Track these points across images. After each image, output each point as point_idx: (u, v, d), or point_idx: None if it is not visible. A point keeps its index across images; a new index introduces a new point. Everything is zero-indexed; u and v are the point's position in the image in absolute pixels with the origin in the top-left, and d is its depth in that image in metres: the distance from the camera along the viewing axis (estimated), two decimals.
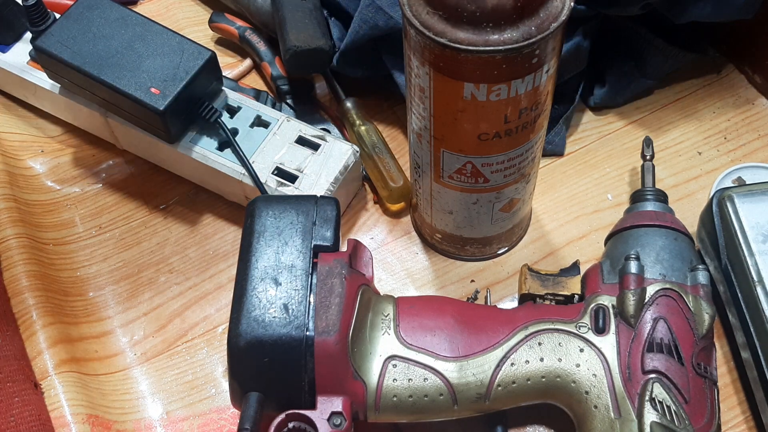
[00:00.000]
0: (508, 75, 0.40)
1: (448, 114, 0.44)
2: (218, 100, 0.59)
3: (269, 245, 0.45)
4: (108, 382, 0.53)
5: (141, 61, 0.55)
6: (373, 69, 0.63)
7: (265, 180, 0.56)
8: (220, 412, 0.52)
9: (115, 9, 0.57)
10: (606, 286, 0.47)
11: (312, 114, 0.64)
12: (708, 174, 0.61)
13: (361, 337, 0.43)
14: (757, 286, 0.48)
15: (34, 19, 0.56)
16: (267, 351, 0.41)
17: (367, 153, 0.60)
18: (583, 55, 0.61)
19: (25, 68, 0.61)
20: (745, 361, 0.49)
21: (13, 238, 0.56)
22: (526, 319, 0.46)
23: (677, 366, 0.43)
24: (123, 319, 0.56)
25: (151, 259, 0.58)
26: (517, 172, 0.48)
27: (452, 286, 0.56)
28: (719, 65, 0.67)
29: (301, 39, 0.59)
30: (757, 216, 0.50)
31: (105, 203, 0.61)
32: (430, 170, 0.49)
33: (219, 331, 0.55)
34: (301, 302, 0.43)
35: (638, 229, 0.50)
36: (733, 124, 0.64)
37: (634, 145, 0.63)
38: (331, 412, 0.42)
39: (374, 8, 0.58)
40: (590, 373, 0.44)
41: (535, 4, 0.39)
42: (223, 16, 0.69)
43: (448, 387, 0.44)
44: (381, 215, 0.60)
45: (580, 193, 0.61)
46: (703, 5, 0.57)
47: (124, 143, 0.63)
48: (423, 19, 0.40)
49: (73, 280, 0.57)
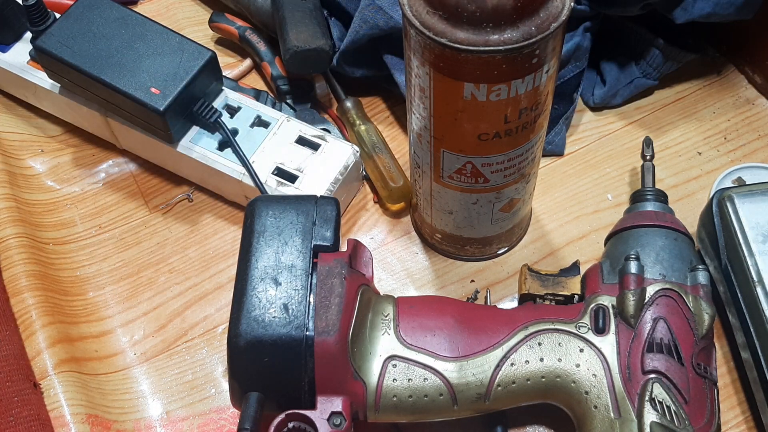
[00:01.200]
0: (508, 75, 0.40)
1: (448, 114, 0.44)
2: (218, 100, 0.59)
3: (269, 245, 0.45)
4: (108, 381, 0.53)
5: (141, 61, 0.55)
6: (373, 69, 0.63)
7: (265, 180, 0.56)
8: (220, 412, 0.52)
9: (115, 9, 0.57)
10: (606, 286, 0.47)
11: (312, 114, 0.64)
12: (708, 174, 0.61)
13: (361, 337, 0.43)
14: (757, 286, 0.48)
15: (34, 19, 0.56)
16: (267, 351, 0.41)
17: (367, 153, 0.60)
18: (583, 55, 0.61)
19: (25, 68, 0.61)
20: (745, 361, 0.49)
21: (12, 238, 0.56)
22: (526, 319, 0.46)
23: (677, 366, 0.43)
24: (123, 319, 0.56)
25: (151, 259, 0.58)
26: (517, 172, 0.48)
27: (452, 286, 0.56)
28: (719, 65, 0.67)
29: (301, 39, 0.59)
30: (757, 216, 0.50)
31: (105, 203, 0.61)
32: (430, 170, 0.49)
33: (219, 331, 0.55)
34: (301, 302, 0.43)
35: (638, 229, 0.50)
36: (733, 124, 0.64)
37: (634, 145, 0.63)
38: (331, 412, 0.42)
39: (374, 8, 0.58)
40: (590, 373, 0.44)
41: (535, 4, 0.39)
42: (223, 16, 0.69)
43: (448, 387, 0.44)
44: (381, 215, 0.60)
45: (580, 193, 0.61)
46: (703, 5, 0.57)
47: (124, 143, 0.63)
48: (423, 19, 0.40)
49: (73, 280, 0.57)
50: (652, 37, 0.61)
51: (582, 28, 0.60)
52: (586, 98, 0.65)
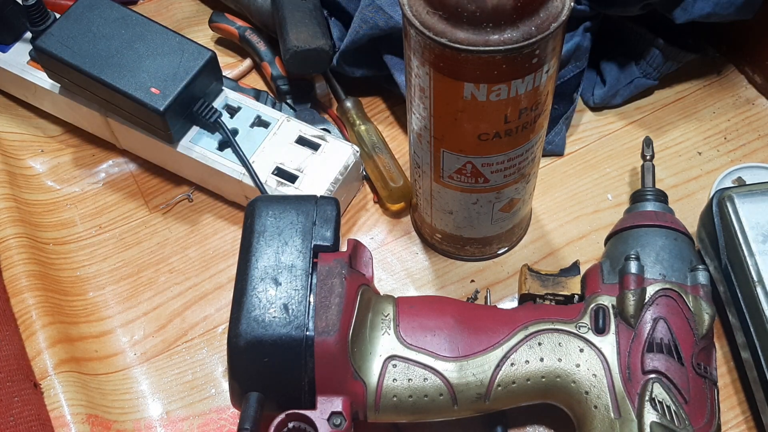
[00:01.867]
0: (508, 75, 0.40)
1: (448, 114, 0.44)
2: (218, 100, 0.59)
3: (269, 245, 0.45)
4: (108, 381, 0.53)
5: (141, 61, 0.55)
6: (373, 69, 0.63)
7: (265, 180, 0.56)
8: (220, 412, 0.52)
9: (115, 9, 0.57)
10: (606, 286, 0.47)
11: (312, 114, 0.64)
12: (708, 174, 0.61)
13: (361, 337, 0.43)
14: (757, 286, 0.48)
15: (34, 19, 0.56)
16: (267, 351, 0.41)
17: (367, 153, 0.60)
18: (583, 55, 0.61)
19: (25, 68, 0.61)
20: (745, 361, 0.49)
21: (13, 238, 0.56)
22: (526, 319, 0.46)
23: (677, 366, 0.43)
24: (123, 319, 0.56)
25: (151, 259, 0.58)
26: (517, 172, 0.48)
27: (452, 286, 0.56)
28: (719, 65, 0.67)
29: (301, 39, 0.59)
30: (757, 216, 0.50)
31: (105, 203, 0.61)
32: (430, 170, 0.49)
33: (219, 331, 0.55)
34: (301, 302, 0.43)
35: (638, 229, 0.50)
36: (733, 124, 0.64)
37: (634, 145, 0.63)
38: (331, 412, 0.42)
39: (374, 8, 0.58)
40: (590, 373, 0.44)
41: (535, 4, 0.39)
42: (223, 16, 0.69)
43: (448, 387, 0.44)
44: (381, 215, 0.60)
45: (580, 193, 0.61)
46: (703, 5, 0.57)
47: (124, 143, 0.63)
48: (423, 19, 0.40)
49: (73, 280, 0.57)
50: (652, 37, 0.61)
51: (582, 28, 0.60)
52: (586, 98, 0.65)
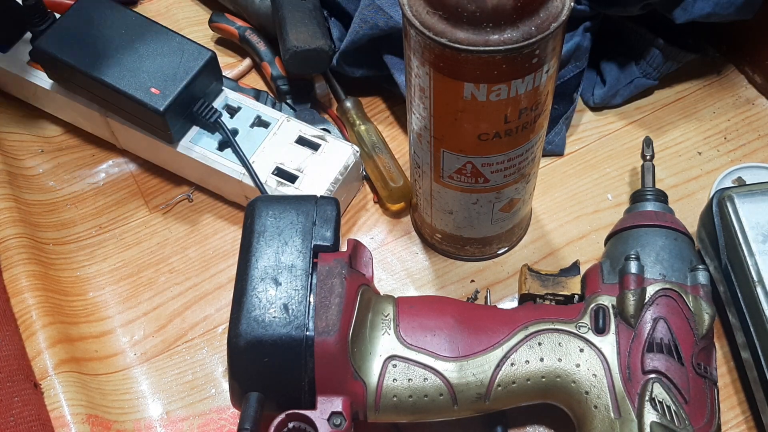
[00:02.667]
0: (508, 75, 0.40)
1: (448, 114, 0.44)
2: (218, 100, 0.59)
3: (269, 245, 0.45)
4: (108, 382, 0.53)
5: (141, 61, 0.55)
6: (373, 69, 0.63)
7: (265, 180, 0.56)
8: (220, 412, 0.52)
9: (115, 9, 0.57)
10: (606, 286, 0.47)
11: (312, 114, 0.64)
12: (708, 174, 0.61)
13: (361, 337, 0.43)
14: (757, 286, 0.48)
15: (34, 19, 0.56)
16: (267, 351, 0.41)
17: (367, 153, 0.60)
18: (583, 55, 0.61)
19: (25, 68, 0.61)
20: (745, 361, 0.49)
21: (13, 238, 0.56)
22: (526, 319, 0.46)
23: (677, 366, 0.43)
24: (123, 319, 0.56)
25: (151, 259, 0.58)
26: (517, 172, 0.48)
27: (452, 286, 0.56)
28: (719, 65, 0.67)
29: (301, 39, 0.59)
30: (757, 216, 0.50)
31: (105, 203, 0.61)
32: (430, 170, 0.49)
33: (219, 331, 0.55)
34: (301, 302, 0.43)
35: (638, 229, 0.50)
36: (733, 124, 0.64)
37: (634, 145, 0.63)
38: (331, 412, 0.42)
39: (374, 8, 0.58)
40: (590, 373, 0.44)
41: (535, 4, 0.39)
42: (223, 16, 0.69)
43: (448, 387, 0.44)
44: (381, 215, 0.60)
45: (580, 193, 0.61)
46: (703, 5, 0.57)
47: (124, 143, 0.63)
48: (423, 19, 0.40)
49: (73, 280, 0.57)
50: (652, 37, 0.61)
51: (582, 28, 0.60)
52: (586, 98, 0.65)
